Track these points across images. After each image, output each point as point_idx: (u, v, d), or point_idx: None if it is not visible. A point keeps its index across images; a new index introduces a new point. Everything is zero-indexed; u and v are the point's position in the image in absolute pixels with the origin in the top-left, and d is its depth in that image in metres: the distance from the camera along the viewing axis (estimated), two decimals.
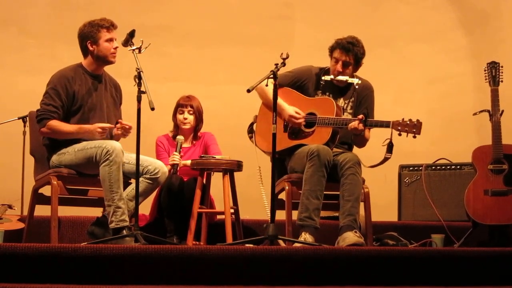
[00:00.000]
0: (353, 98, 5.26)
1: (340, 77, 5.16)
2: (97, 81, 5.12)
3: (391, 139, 4.92)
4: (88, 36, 5.03)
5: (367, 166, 5.04)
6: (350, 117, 5.12)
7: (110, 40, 5.03)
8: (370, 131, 5.21)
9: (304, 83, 5.28)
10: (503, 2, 7.28)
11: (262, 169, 5.28)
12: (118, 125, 5.07)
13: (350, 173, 4.92)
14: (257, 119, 5.38)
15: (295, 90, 5.26)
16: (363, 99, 5.27)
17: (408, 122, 4.89)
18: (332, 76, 5.18)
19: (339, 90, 5.28)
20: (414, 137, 4.91)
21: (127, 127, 5.02)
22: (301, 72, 5.31)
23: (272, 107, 4.59)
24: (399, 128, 4.89)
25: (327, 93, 5.25)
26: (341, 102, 5.24)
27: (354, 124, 4.93)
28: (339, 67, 5.18)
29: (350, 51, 5.17)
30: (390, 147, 4.93)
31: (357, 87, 5.21)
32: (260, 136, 5.31)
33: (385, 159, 4.99)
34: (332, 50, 5.23)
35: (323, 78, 5.20)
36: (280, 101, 5.17)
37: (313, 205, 4.88)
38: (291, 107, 5.17)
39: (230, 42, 7.65)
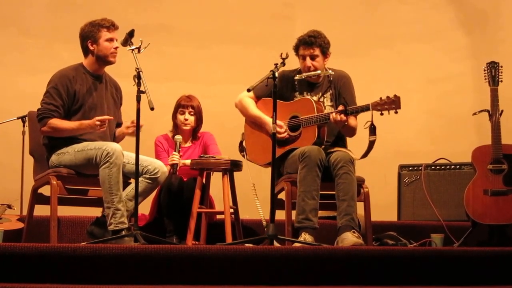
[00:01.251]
0: (331, 91, 5.26)
1: (311, 73, 5.17)
2: (98, 81, 5.11)
3: (372, 121, 4.89)
4: (89, 35, 5.03)
5: (358, 159, 5.03)
6: (331, 110, 5.12)
7: (111, 40, 5.03)
8: (356, 118, 5.19)
9: (279, 89, 5.25)
10: (503, 2, 7.28)
11: (256, 186, 5.34)
12: (129, 124, 5.06)
13: (342, 172, 4.91)
14: (245, 136, 5.42)
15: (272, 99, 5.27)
16: (341, 89, 5.26)
17: (386, 100, 4.89)
18: (304, 74, 5.18)
19: (314, 86, 5.29)
20: (396, 112, 4.89)
21: (141, 125, 4.96)
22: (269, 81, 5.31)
23: (275, 105, 4.58)
24: (379, 108, 4.89)
25: (304, 92, 5.26)
26: (319, 97, 5.24)
27: (335, 116, 4.93)
28: (307, 62, 5.20)
29: (314, 44, 5.18)
30: (372, 129, 4.90)
31: (331, 78, 5.22)
32: (252, 151, 5.36)
33: (371, 143, 4.95)
34: (296, 48, 5.24)
35: (295, 78, 5.20)
36: (260, 115, 5.27)
37: (310, 206, 4.88)
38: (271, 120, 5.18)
39: (230, 41, 7.65)
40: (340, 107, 4.97)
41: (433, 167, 6.42)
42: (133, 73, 4.69)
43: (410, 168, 6.49)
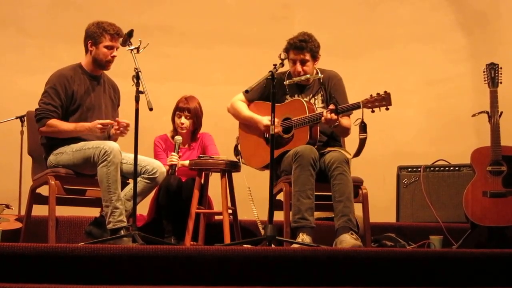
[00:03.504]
0: (322, 92, 5.26)
1: (301, 77, 5.15)
2: (95, 81, 5.11)
3: (362, 118, 4.85)
4: (91, 36, 5.03)
5: (352, 157, 5.01)
6: (323, 111, 5.11)
7: (111, 47, 5.02)
8: (350, 118, 5.18)
9: (270, 93, 5.26)
10: (502, 3, 7.28)
11: (253, 188, 5.35)
12: (115, 125, 5.05)
13: (337, 173, 4.90)
14: (240, 140, 5.42)
15: (264, 101, 5.27)
16: (331, 89, 5.25)
17: (376, 97, 4.85)
18: (294, 79, 5.16)
19: (305, 88, 5.29)
20: (387, 109, 4.85)
21: (124, 124, 5.01)
22: (266, 83, 5.30)
23: (274, 106, 4.58)
24: (369, 105, 4.85)
25: (296, 95, 5.27)
26: (310, 99, 5.24)
27: (327, 115, 4.90)
28: (298, 67, 5.18)
29: (304, 49, 5.16)
30: (363, 127, 4.86)
31: (321, 80, 5.22)
32: (247, 155, 5.36)
33: (361, 141, 4.90)
34: (286, 51, 5.19)
35: (285, 83, 5.19)
36: (252, 115, 5.30)
37: (305, 205, 4.87)
38: (265, 118, 5.19)
39: (228, 42, 7.65)
40: (331, 106, 4.94)
41: (432, 169, 6.42)
42: (132, 73, 4.69)
43: (409, 170, 6.49)
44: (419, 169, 6.41)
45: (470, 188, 5.45)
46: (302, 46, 5.16)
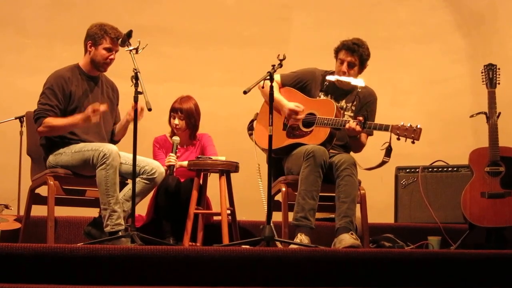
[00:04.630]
0: (355, 102, 5.26)
1: (344, 78, 5.17)
2: (93, 82, 5.12)
3: (390, 143, 4.89)
4: (92, 36, 5.04)
5: (363, 168, 5.03)
6: (349, 119, 5.11)
7: (110, 50, 5.02)
8: (367, 138, 5.20)
9: (306, 84, 5.29)
10: (500, 4, 7.29)
11: (261, 168, 5.28)
12: (130, 111, 4.98)
13: (345, 174, 4.91)
14: (258, 117, 5.39)
15: (297, 90, 5.27)
16: (365, 105, 5.27)
17: (407, 127, 4.86)
18: (337, 77, 5.18)
19: (342, 92, 5.29)
20: (413, 142, 4.88)
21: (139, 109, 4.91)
22: (305, 73, 5.33)
23: (272, 107, 4.58)
24: (398, 132, 4.87)
25: (329, 95, 5.26)
26: (342, 104, 5.24)
27: (352, 124, 4.92)
28: (344, 67, 5.20)
29: (356, 52, 5.19)
30: (388, 151, 4.91)
31: (359, 90, 5.23)
32: (259, 134, 5.31)
33: (383, 163, 4.96)
34: (337, 51, 5.24)
35: (327, 78, 5.20)
36: (280, 98, 5.23)
37: (309, 206, 4.88)
38: (292, 102, 5.18)
39: (227, 43, 7.65)
40: (360, 118, 4.95)
41: (430, 169, 6.43)
42: (130, 73, 4.69)
43: (407, 170, 6.49)
44: (417, 170, 6.42)
45: (468, 188, 5.46)
46: (354, 49, 5.19)
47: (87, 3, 7.47)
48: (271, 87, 4.63)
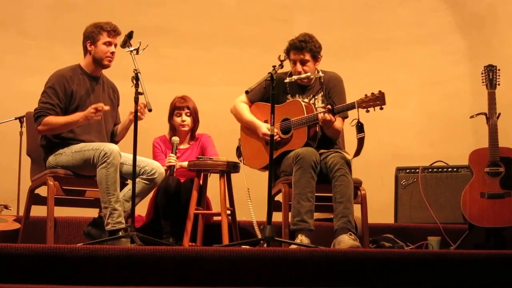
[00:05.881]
0: (322, 92, 5.27)
1: (301, 76, 5.17)
2: (95, 82, 5.12)
3: (358, 118, 4.86)
4: (89, 36, 5.05)
5: (351, 158, 5.02)
6: (321, 111, 5.11)
7: (109, 43, 5.03)
8: (343, 122, 5.19)
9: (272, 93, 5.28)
10: (500, 5, 7.29)
11: (253, 189, 5.36)
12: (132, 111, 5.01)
13: (339, 174, 4.91)
14: (241, 142, 5.45)
15: (265, 103, 5.29)
16: (331, 90, 5.26)
17: (371, 97, 4.87)
18: (294, 77, 5.18)
19: (306, 88, 5.31)
20: (381, 108, 4.85)
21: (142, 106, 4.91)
22: (267, 83, 5.30)
23: (273, 107, 4.60)
24: (364, 105, 4.87)
25: (296, 94, 5.28)
26: (311, 98, 5.25)
27: (324, 116, 4.92)
28: (298, 67, 5.21)
29: (304, 49, 5.18)
30: (359, 127, 4.86)
31: (322, 80, 5.23)
32: (248, 156, 5.39)
33: (360, 140, 4.90)
34: (287, 52, 5.22)
35: (286, 81, 5.20)
36: (252, 119, 5.32)
37: (305, 208, 4.88)
38: (263, 124, 5.23)
39: (228, 43, 7.66)
40: (328, 107, 4.96)
41: (430, 170, 6.43)
42: (131, 74, 4.70)
43: (407, 171, 6.49)
44: (417, 170, 6.41)
45: (468, 189, 5.45)
46: (302, 46, 5.18)
47: (88, 4, 7.48)
48: (272, 87, 4.63)
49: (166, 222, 5.40)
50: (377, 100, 4.85)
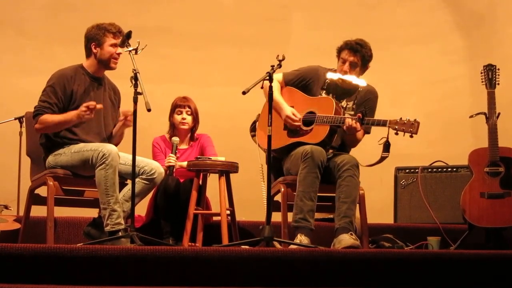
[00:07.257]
0: (356, 101, 5.26)
1: (345, 77, 5.17)
2: (96, 83, 5.12)
3: (387, 138, 4.88)
4: (94, 38, 5.04)
5: (364, 166, 5.03)
6: (348, 117, 5.09)
7: (115, 45, 5.03)
8: (364, 134, 5.19)
9: (309, 82, 5.29)
10: (499, 5, 7.29)
11: (263, 169, 5.28)
12: (121, 118, 5.07)
13: (347, 175, 4.91)
14: (260, 118, 5.39)
15: (298, 89, 5.27)
16: (364, 102, 5.26)
17: (405, 122, 4.87)
18: (338, 75, 5.18)
19: (342, 91, 5.28)
20: (411, 136, 4.88)
21: (129, 114, 4.97)
22: (308, 71, 5.33)
23: (271, 108, 4.58)
24: (396, 127, 4.87)
25: (331, 94, 5.26)
26: (343, 103, 5.25)
27: (351, 122, 4.92)
28: (346, 67, 5.20)
29: (358, 52, 5.20)
30: (386, 146, 4.90)
31: (360, 89, 5.22)
32: (262, 135, 5.31)
33: (382, 159, 4.96)
34: (340, 50, 5.25)
35: (328, 75, 5.19)
36: (279, 100, 5.22)
37: (308, 207, 4.88)
38: (289, 108, 5.18)
39: (226, 43, 7.66)
40: (358, 115, 4.95)
41: (429, 170, 6.43)
42: (130, 74, 4.69)
43: (407, 171, 6.49)
44: (416, 170, 6.42)
45: (468, 189, 5.46)
46: (357, 49, 5.20)
47: (86, 4, 7.48)
48: (270, 87, 4.63)
49: (166, 222, 5.40)
50: (411, 127, 4.85)
